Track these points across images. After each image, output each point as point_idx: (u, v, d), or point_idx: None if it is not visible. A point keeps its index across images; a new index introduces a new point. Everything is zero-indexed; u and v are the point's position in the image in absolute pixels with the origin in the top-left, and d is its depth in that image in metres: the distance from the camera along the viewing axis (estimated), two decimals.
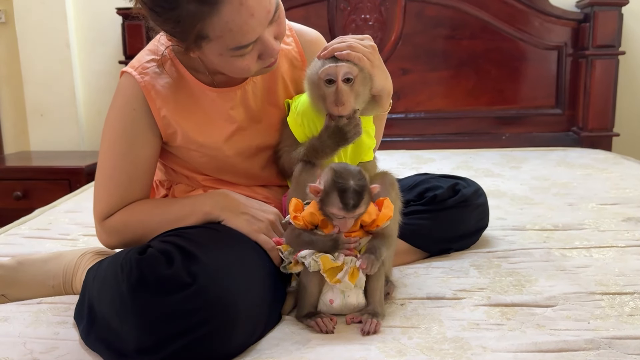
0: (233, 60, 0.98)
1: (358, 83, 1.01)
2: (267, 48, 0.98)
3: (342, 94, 0.99)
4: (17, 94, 2.87)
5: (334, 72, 0.99)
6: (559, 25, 2.65)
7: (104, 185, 1.11)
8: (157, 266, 0.85)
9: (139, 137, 1.09)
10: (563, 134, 2.73)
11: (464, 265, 1.21)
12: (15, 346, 0.91)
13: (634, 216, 1.53)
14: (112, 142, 1.10)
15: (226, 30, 0.92)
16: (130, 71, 1.09)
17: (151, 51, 1.12)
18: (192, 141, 1.11)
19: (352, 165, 0.99)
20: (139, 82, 1.07)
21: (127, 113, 1.09)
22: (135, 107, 1.08)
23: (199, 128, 1.11)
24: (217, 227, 1.03)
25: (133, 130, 1.09)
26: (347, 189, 0.92)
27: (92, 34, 2.81)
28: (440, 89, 2.72)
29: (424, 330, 0.93)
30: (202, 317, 0.82)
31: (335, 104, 1.00)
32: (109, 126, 1.11)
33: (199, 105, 1.11)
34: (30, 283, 1.11)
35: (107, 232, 1.11)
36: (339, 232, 0.95)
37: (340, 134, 1.02)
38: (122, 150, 1.09)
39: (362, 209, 0.94)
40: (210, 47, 0.96)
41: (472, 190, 1.30)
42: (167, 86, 1.09)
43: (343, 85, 1.00)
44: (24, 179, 2.44)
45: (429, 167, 2.26)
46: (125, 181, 1.10)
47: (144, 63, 1.10)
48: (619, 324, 0.93)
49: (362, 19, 2.66)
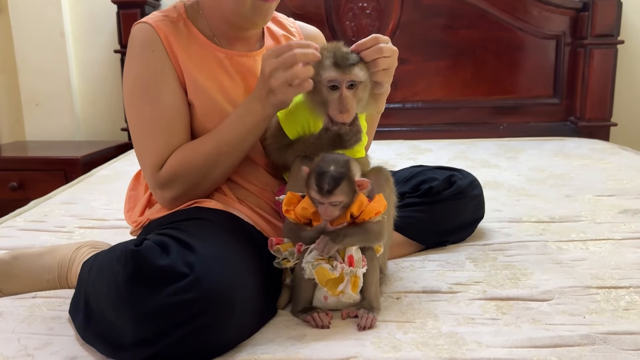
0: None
1: (361, 89, 1.00)
2: None
3: (347, 102, 0.98)
4: (12, 83, 2.85)
5: (339, 79, 0.98)
6: (558, 14, 2.64)
7: (145, 137, 1.09)
8: (153, 257, 0.84)
9: (165, 79, 1.09)
10: (561, 124, 2.72)
11: (460, 258, 1.21)
12: (9, 342, 0.91)
13: (630, 208, 1.52)
14: (140, 90, 1.09)
15: None
16: (144, 20, 1.10)
17: (163, 11, 1.14)
18: (203, 93, 1.10)
19: (344, 156, 0.98)
20: (156, 28, 1.08)
21: (147, 56, 1.08)
22: (154, 49, 1.08)
23: (210, 80, 1.11)
24: (213, 219, 1.03)
25: (157, 72, 1.08)
26: (324, 172, 0.92)
27: (87, 23, 2.79)
28: (437, 78, 2.71)
29: (419, 325, 0.93)
30: (199, 308, 0.82)
31: (339, 111, 0.99)
32: (132, 76, 1.10)
33: (210, 61, 1.12)
34: (25, 277, 1.11)
35: (167, 183, 1.08)
36: (325, 224, 0.95)
37: (340, 140, 1.01)
38: (154, 95, 1.08)
39: (340, 197, 0.93)
40: None
41: (468, 181, 1.29)
42: (180, 40, 1.11)
43: (347, 92, 0.98)
44: (19, 170, 2.43)
45: (426, 157, 2.25)
46: (166, 127, 1.08)
47: (158, 17, 1.12)
48: (614, 318, 0.93)
49: (360, 7, 2.64)
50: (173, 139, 1.09)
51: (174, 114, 1.09)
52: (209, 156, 1.07)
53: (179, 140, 1.10)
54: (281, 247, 1.00)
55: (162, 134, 1.08)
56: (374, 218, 0.97)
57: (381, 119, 1.27)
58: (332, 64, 0.99)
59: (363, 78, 0.99)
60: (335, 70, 0.98)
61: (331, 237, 0.93)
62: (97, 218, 1.58)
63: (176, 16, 1.13)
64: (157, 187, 1.10)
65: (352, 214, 0.96)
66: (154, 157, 1.09)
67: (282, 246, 1.00)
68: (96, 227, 1.50)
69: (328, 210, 0.94)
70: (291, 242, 0.99)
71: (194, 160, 1.07)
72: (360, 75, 0.99)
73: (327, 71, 0.99)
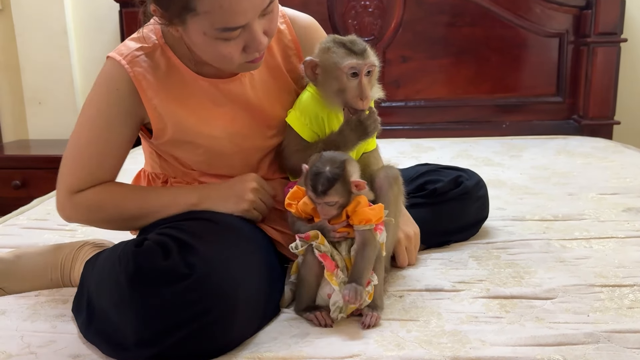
0: (216, 44, 0.93)
1: (374, 75, 1.02)
2: (254, 40, 0.94)
3: (367, 88, 1.00)
4: (15, 81, 2.85)
5: (359, 66, 0.99)
6: (561, 12, 2.63)
7: (75, 159, 1.08)
8: (154, 258, 0.85)
9: (119, 117, 1.06)
10: (564, 122, 2.71)
11: (463, 256, 1.21)
12: (12, 340, 0.91)
13: (634, 206, 1.52)
14: (90, 118, 1.07)
15: (217, 6, 0.87)
16: (118, 58, 1.04)
17: (138, 40, 1.07)
18: (187, 130, 1.06)
19: (341, 155, 0.97)
20: (129, 72, 1.03)
21: (110, 92, 1.05)
22: (119, 87, 1.04)
23: (194, 115, 1.06)
24: (213, 218, 1.02)
25: (114, 109, 1.05)
26: (319, 173, 0.92)
27: (89, 21, 2.79)
28: (440, 76, 2.70)
29: (422, 323, 0.93)
30: (200, 308, 0.82)
31: (360, 97, 1.00)
32: (89, 103, 1.08)
33: (192, 93, 1.07)
34: (28, 276, 1.11)
35: (75, 207, 1.07)
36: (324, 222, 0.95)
37: (362, 128, 1.02)
38: (100, 126, 1.06)
39: (334, 197, 0.93)
40: (196, 22, 0.91)
41: (474, 182, 1.29)
42: (158, 75, 1.05)
43: (365, 78, 1.00)
44: (22, 168, 2.43)
45: (428, 156, 2.25)
46: (97, 158, 1.07)
47: (133, 51, 1.05)
48: (618, 317, 0.92)
49: (362, 5, 2.63)
50: (99, 171, 1.07)
51: (112, 151, 1.07)
52: (129, 214, 1.07)
53: (103, 176, 1.08)
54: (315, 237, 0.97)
55: (91, 163, 1.07)
56: (363, 225, 0.94)
57: (384, 117, 1.26)
58: (349, 52, 1.00)
59: (378, 63, 1.02)
60: (355, 57, 0.99)
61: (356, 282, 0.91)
62: None
63: (152, 46, 1.05)
64: (67, 207, 1.08)
65: (347, 213, 0.96)
66: (74, 180, 1.07)
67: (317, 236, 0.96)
68: None
69: (325, 210, 0.94)
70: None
71: (115, 210, 1.07)
72: (376, 61, 1.02)
73: (347, 59, 0.99)
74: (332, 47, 1.01)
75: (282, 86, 1.13)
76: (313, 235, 0.94)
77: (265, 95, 1.11)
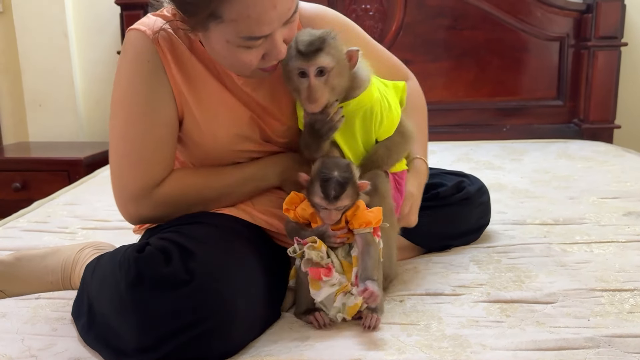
0: (238, 51, 0.91)
1: (333, 76, 0.94)
2: (274, 49, 0.92)
3: (315, 90, 0.93)
4: (16, 84, 2.86)
5: (305, 66, 0.93)
6: (561, 16, 2.63)
7: (133, 154, 1.01)
8: (155, 264, 0.84)
9: (160, 93, 0.99)
10: (564, 126, 2.72)
11: (464, 260, 1.20)
12: (13, 342, 0.91)
13: (634, 210, 1.52)
14: (131, 102, 0.99)
15: (244, 15, 0.85)
16: (142, 28, 0.99)
17: (161, 16, 1.02)
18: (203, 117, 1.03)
19: (343, 160, 0.97)
20: (153, 39, 0.98)
21: (140, 66, 0.98)
22: (149, 58, 0.98)
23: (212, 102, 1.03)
24: (215, 223, 1.01)
25: (152, 84, 0.99)
26: (329, 179, 0.91)
27: (90, 23, 2.80)
28: (441, 80, 2.71)
29: (423, 327, 0.92)
30: (201, 315, 0.82)
31: (307, 100, 0.94)
32: (122, 84, 1.00)
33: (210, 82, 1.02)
34: (29, 279, 1.11)
35: (157, 203, 1.02)
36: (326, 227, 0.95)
37: (314, 131, 0.97)
38: (145, 108, 0.99)
39: (346, 202, 0.92)
40: (220, 30, 0.88)
41: (476, 188, 1.29)
42: (180, 51, 1.00)
43: (315, 80, 0.93)
44: (23, 170, 2.44)
45: (429, 159, 2.23)
46: (159, 145, 1.01)
47: (158, 23, 1.00)
48: (619, 321, 0.92)
49: (363, 9, 2.64)
50: (164, 159, 1.03)
51: (166, 131, 1.02)
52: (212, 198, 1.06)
53: (169, 161, 1.04)
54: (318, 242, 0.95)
55: (154, 152, 1.01)
56: (364, 229, 0.94)
57: None
58: (295, 52, 0.93)
59: (331, 64, 0.93)
60: (300, 59, 0.93)
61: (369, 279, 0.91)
62: (100, 219, 1.58)
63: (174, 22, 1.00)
64: (144, 208, 1.03)
65: (346, 217, 0.96)
66: (147, 176, 1.02)
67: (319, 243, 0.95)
68: (99, 227, 1.51)
69: (332, 215, 0.93)
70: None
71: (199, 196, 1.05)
72: (327, 61, 0.92)
73: (293, 59, 0.94)
74: (291, 44, 0.95)
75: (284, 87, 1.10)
76: (311, 241, 0.94)
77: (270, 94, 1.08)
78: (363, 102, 1.00)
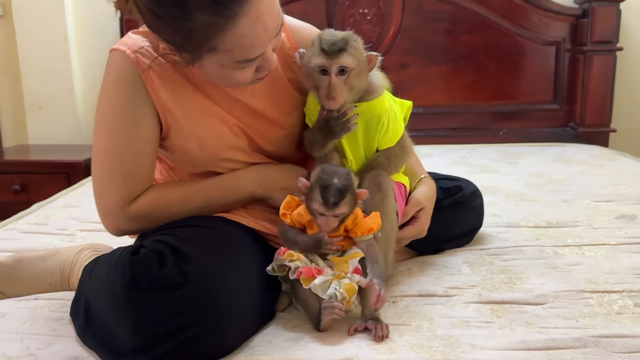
0: (233, 73, 0.93)
1: (353, 76, 0.98)
2: (267, 62, 0.95)
3: (335, 88, 0.97)
4: (16, 86, 2.87)
5: (327, 64, 0.97)
6: (557, 21, 2.65)
7: (113, 169, 1.04)
8: (149, 266, 0.86)
9: (139, 111, 1.02)
10: (560, 129, 2.73)
11: (457, 262, 1.22)
12: (12, 342, 0.93)
13: (627, 213, 1.54)
14: (112, 121, 1.03)
15: (238, 44, 0.88)
16: (122, 49, 1.01)
17: (142, 33, 1.04)
18: (190, 128, 1.05)
19: (342, 168, 0.99)
20: (133, 60, 1.00)
21: (122, 87, 1.01)
22: (130, 79, 1.01)
23: (197, 113, 1.05)
24: (210, 226, 1.02)
25: (132, 104, 1.01)
26: (329, 185, 0.93)
27: (90, 26, 2.81)
28: (438, 83, 2.73)
29: (414, 327, 0.94)
30: (195, 316, 0.83)
31: (327, 97, 0.98)
32: (105, 102, 1.04)
33: (195, 95, 1.05)
34: (28, 280, 1.12)
35: (132, 218, 1.05)
36: (323, 233, 0.96)
37: (328, 128, 1.01)
38: (126, 126, 1.02)
39: (344, 209, 0.94)
40: (214, 59, 0.91)
41: (470, 192, 1.31)
42: (163, 67, 1.02)
43: (336, 78, 0.97)
44: (22, 173, 2.45)
45: (426, 163, 2.24)
46: (137, 161, 1.04)
47: (138, 42, 1.02)
48: (606, 322, 0.94)
49: (361, 13, 2.66)
50: (143, 176, 1.05)
51: (145, 148, 1.04)
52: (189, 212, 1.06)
53: (147, 178, 1.06)
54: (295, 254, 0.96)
55: (133, 168, 1.04)
56: (367, 235, 0.97)
57: None
58: (320, 50, 0.98)
59: (352, 64, 0.98)
60: (324, 57, 0.97)
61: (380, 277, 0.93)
62: (99, 221, 1.57)
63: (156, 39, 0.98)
64: (121, 222, 1.06)
65: (346, 227, 0.97)
66: (123, 191, 1.04)
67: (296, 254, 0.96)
68: (97, 229, 1.52)
69: (330, 222, 0.95)
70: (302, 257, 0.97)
71: (174, 211, 1.06)
72: (349, 62, 0.97)
73: (315, 57, 0.98)
74: (315, 42, 1.00)
75: (283, 94, 1.12)
76: (288, 256, 0.95)
77: (265, 103, 1.10)
78: (373, 107, 1.05)
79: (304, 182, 0.97)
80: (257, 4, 0.86)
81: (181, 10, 0.83)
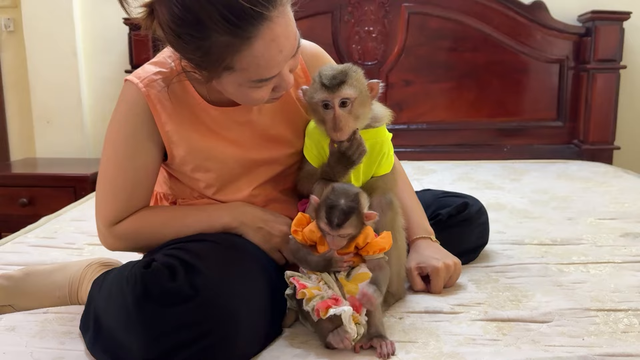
0: (250, 91, 0.98)
1: (357, 106, 1.02)
2: (283, 81, 0.99)
3: (340, 120, 1.00)
4: (24, 101, 2.91)
5: (329, 98, 1.01)
6: (561, 39, 2.68)
7: (109, 190, 1.11)
8: (161, 280, 0.87)
9: (144, 143, 1.09)
10: (564, 147, 2.75)
11: (462, 279, 1.23)
12: (22, 356, 0.94)
13: (631, 231, 1.54)
14: (116, 147, 1.09)
15: (253, 64, 0.92)
16: (135, 81, 1.07)
17: (156, 64, 1.10)
18: (198, 155, 1.10)
19: (353, 187, 1.00)
20: (144, 94, 1.06)
21: (130, 118, 1.08)
22: (139, 112, 1.07)
23: (204, 141, 1.10)
24: (219, 240, 1.04)
25: (136, 135, 1.08)
26: (335, 206, 0.94)
27: (98, 42, 2.85)
28: (442, 100, 2.75)
29: (421, 344, 0.95)
30: (205, 329, 0.85)
31: (333, 130, 1.01)
32: (112, 130, 1.10)
33: (203, 120, 1.10)
34: (37, 294, 1.13)
35: (116, 237, 1.11)
36: (332, 252, 0.97)
37: (345, 158, 1.03)
38: (127, 154, 1.09)
39: (349, 230, 0.95)
40: (232, 77, 0.95)
41: (475, 209, 1.32)
42: (172, 100, 1.08)
43: (340, 110, 1.01)
44: (29, 186, 2.47)
45: (430, 179, 2.28)
46: (129, 186, 1.10)
47: (151, 75, 1.08)
48: (612, 340, 0.94)
49: (366, 31, 2.69)
50: (133, 199, 1.11)
51: (140, 176, 1.10)
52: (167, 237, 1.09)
53: (139, 202, 1.12)
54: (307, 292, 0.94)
55: (124, 191, 1.10)
56: (378, 255, 0.98)
57: None
58: (321, 85, 1.01)
59: (354, 95, 1.01)
60: (325, 92, 1.01)
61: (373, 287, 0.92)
62: None
63: (169, 71, 1.08)
64: (108, 238, 1.12)
65: (357, 245, 0.98)
66: (111, 212, 1.10)
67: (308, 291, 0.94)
68: None
69: (336, 241, 0.96)
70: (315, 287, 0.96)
71: (153, 236, 1.10)
72: (350, 93, 1.01)
73: (317, 92, 1.02)
74: (315, 78, 1.04)
75: (291, 114, 1.16)
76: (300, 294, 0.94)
77: (273, 122, 1.14)
78: (378, 134, 1.08)
79: (315, 199, 0.98)
80: (273, 26, 0.89)
81: (199, 31, 0.88)
